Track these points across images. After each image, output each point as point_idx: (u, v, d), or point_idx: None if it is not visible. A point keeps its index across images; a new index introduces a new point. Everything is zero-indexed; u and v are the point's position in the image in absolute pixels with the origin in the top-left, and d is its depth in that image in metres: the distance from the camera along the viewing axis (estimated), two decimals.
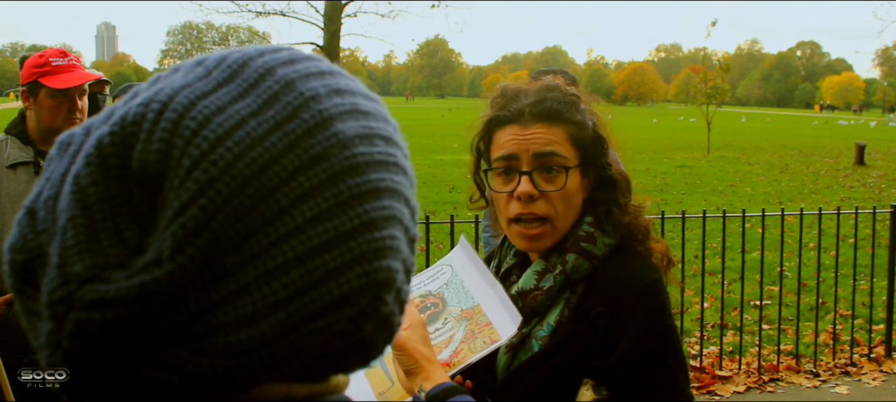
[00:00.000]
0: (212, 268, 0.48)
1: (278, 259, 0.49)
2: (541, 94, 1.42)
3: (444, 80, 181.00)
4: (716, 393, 4.69)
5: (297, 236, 0.50)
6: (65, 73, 2.57)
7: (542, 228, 1.38)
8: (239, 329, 0.48)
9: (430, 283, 1.49)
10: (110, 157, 0.49)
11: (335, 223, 0.51)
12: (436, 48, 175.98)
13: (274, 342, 0.49)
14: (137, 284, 0.46)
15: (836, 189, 15.52)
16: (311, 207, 0.50)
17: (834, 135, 38.26)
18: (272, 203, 0.49)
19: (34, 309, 0.51)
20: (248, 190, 0.48)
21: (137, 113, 0.50)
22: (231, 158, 0.48)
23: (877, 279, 6.21)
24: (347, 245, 0.51)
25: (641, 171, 17.58)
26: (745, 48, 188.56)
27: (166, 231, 0.47)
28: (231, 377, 0.48)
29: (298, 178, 0.50)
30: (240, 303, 0.48)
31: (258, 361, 0.49)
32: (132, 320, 0.47)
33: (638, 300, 1.32)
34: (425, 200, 12.76)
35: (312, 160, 0.51)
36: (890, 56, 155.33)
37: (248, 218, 0.48)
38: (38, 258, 0.50)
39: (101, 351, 0.47)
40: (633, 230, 1.41)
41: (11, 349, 2.48)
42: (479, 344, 1.35)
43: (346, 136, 0.53)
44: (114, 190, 0.49)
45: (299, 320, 0.50)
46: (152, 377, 0.48)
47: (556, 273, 1.37)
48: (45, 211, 0.51)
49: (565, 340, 1.33)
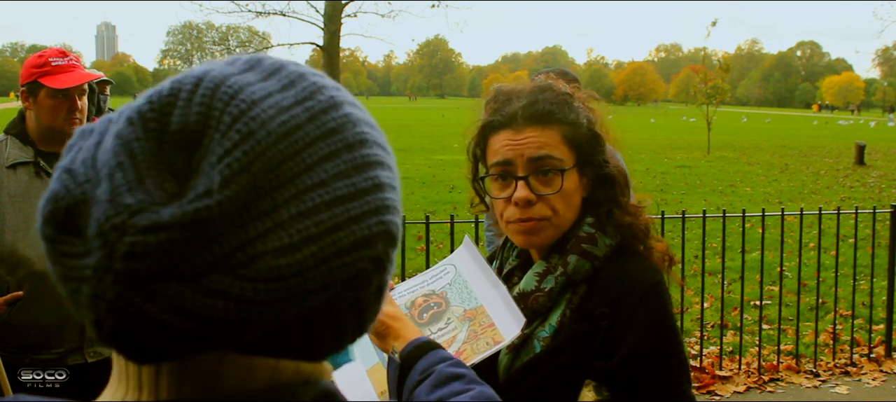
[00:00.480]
0: (251, 207, 0.54)
1: (308, 204, 0.56)
2: (533, 96, 1.41)
3: (444, 80, 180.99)
4: (716, 393, 4.69)
5: (323, 187, 0.57)
6: (64, 73, 2.57)
7: (538, 223, 1.38)
8: (278, 257, 0.54)
9: (434, 282, 1.49)
10: (150, 120, 0.55)
11: (354, 181, 0.59)
12: (436, 48, 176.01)
13: (308, 271, 0.55)
14: (191, 210, 0.52)
15: (836, 189, 15.52)
16: (331, 166, 0.58)
17: (834, 135, 38.26)
18: (299, 160, 0.56)
19: (73, 251, 0.55)
20: (279, 146, 0.55)
21: (172, 87, 0.56)
22: (266, 118, 0.55)
23: (877, 279, 6.21)
24: (365, 199, 0.59)
25: (641, 171, 17.58)
26: (745, 48, 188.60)
27: (213, 170, 0.53)
28: (270, 301, 0.54)
29: (318, 143, 0.58)
30: (277, 236, 0.54)
31: (295, 287, 0.54)
32: (183, 245, 0.51)
33: (640, 302, 1.32)
34: (425, 200, 12.76)
35: (330, 131, 0.59)
36: (890, 56, 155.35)
37: (280, 170, 0.55)
38: (81, 204, 0.54)
39: (151, 273, 0.51)
40: (635, 230, 1.41)
41: (11, 349, 2.48)
42: (481, 345, 1.34)
43: (356, 117, 0.62)
44: (153, 147, 0.54)
45: (330, 255, 0.56)
46: (197, 302, 0.52)
47: (557, 274, 1.37)
48: (85, 167, 0.56)
49: (567, 341, 1.33)
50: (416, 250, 7.61)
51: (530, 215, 1.37)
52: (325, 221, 0.56)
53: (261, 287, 0.53)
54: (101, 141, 0.57)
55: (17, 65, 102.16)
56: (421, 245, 6.88)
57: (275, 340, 0.58)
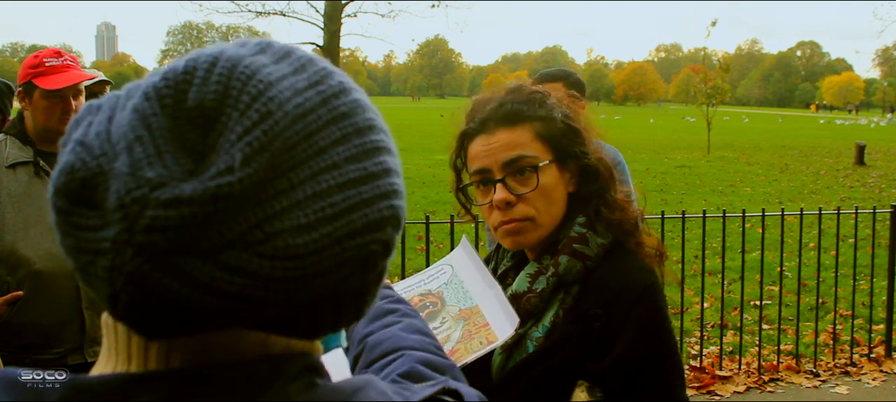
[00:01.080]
0: (269, 186, 0.54)
1: (322, 186, 0.57)
2: (502, 98, 1.43)
3: (444, 80, 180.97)
4: (716, 393, 4.69)
5: (336, 169, 0.58)
6: (58, 73, 2.56)
7: (520, 223, 1.38)
8: (295, 236, 0.54)
9: (430, 282, 1.49)
10: (166, 96, 0.56)
11: (364, 165, 0.60)
12: (436, 48, 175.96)
13: (323, 251, 0.56)
14: (213, 186, 0.52)
15: (836, 189, 15.52)
16: (343, 150, 0.59)
17: (834, 135, 38.26)
18: (313, 142, 0.57)
19: (88, 224, 0.55)
20: (295, 126, 0.56)
21: (188, 65, 0.57)
22: (283, 100, 0.56)
23: (877, 279, 6.21)
24: (375, 183, 0.60)
25: (641, 171, 17.58)
26: (745, 48, 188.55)
27: (234, 148, 0.53)
28: (286, 279, 0.55)
29: (331, 127, 0.59)
30: (294, 215, 0.55)
31: (310, 266, 0.56)
32: (203, 220, 0.52)
33: (634, 303, 1.31)
34: (425, 200, 12.76)
35: (342, 115, 0.60)
36: (890, 56, 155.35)
37: (295, 150, 0.56)
38: (98, 176, 0.55)
39: (171, 247, 0.52)
40: (624, 225, 1.41)
41: (12, 349, 2.48)
42: (475, 344, 1.35)
43: (364, 103, 0.64)
44: (169, 123, 0.55)
45: (343, 236, 0.57)
46: (215, 277, 0.53)
47: (548, 275, 1.37)
48: (99, 140, 0.56)
49: (560, 341, 1.32)
50: (416, 250, 7.61)
51: (512, 216, 1.38)
52: (340, 202, 0.57)
53: (278, 265, 0.54)
54: (113, 116, 0.58)
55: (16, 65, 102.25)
56: (421, 245, 6.88)
57: (283, 318, 0.59)
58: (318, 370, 0.63)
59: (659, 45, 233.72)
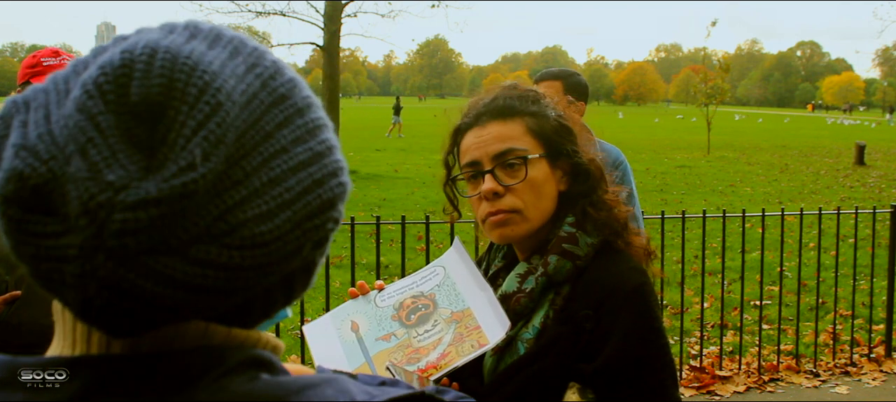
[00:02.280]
0: (225, 178, 0.55)
1: (276, 171, 0.58)
2: (496, 94, 1.45)
3: (444, 80, 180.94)
4: (716, 393, 4.69)
5: (285, 153, 0.59)
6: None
7: (507, 215, 1.38)
8: (258, 224, 0.56)
9: (423, 284, 1.49)
10: (108, 92, 0.54)
11: (310, 145, 0.61)
12: (436, 48, 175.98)
13: (286, 235, 0.57)
14: (179, 185, 0.52)
15: (836, 189, 15.52)
16: (288, 132, 0.60)
17: (834, 135, 38.26)
18: (259, 128, 0.58)
19: (47, 231, 0.54)
20: (243, 115, 0.57)
21: (124, 58, 0.55)
22: (229, 89, 0.56)
23: (877, 279, 6.21)
24: (323, 163, 0.62)
25: (642, 171, 17.58)
26: (745, 48, 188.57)
27: (190, 144, 0.53)
28: (256, 266, 0.56)
29: (273, 110, 0.60)
30: (255, 204, 0.56)
31: (276, 251, 0.57)
32: (171, 219, 0.52)
33: (624, 303, 1.31)
34: (425, 200, 12.76)
35: (281, 97, 0.61)
36: (890, 56, 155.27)
37: (245, 138, 0.57)
38: (50, 182, 0.53)
39: (142, 248, 0.52)
40: (612, 224, 1.41)
41: (11, 348, 2.48)
42: (466, 347, 1.35)
43: (299, 80, 0.64)
44: (115, 120, 0.54)
45: (302, 218, 0.59)
46: (187, 272, 0.54)
47: (537, 275, 1.37)
48: (44, 143, 0.55)
49: (551, 342, 1.32)
50: (416, 250, 7.61)
51: (499, 208, 1.38)
52: (294, 186, 0.59)
53: (247, 254, 0.55)
54: (49, 113, 0.56)
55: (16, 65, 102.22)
56: (421, 245, 6.88)
57: (238, 307, 0.60)
58: (265, 364, 0.63)
59: (659, 45, 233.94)
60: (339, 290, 6.30)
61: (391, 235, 9.26)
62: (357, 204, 12.60)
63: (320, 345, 1.45)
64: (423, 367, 1.34)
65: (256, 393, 0.59)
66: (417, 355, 1.37)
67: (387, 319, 1.45)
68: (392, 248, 8.46)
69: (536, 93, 1.46)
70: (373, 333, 1.43)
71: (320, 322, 1.50)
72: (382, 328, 1.44)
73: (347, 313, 1.48)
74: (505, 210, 1.38)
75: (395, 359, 1.36)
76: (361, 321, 1.46)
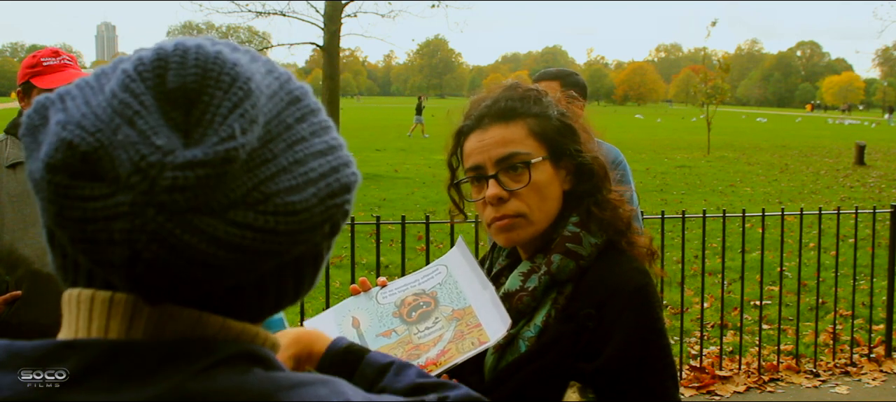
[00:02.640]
0: (259, 155, 0.61)
1: (299, 155, 0.64)
2: (497, 95, 1.44)
3: (444, 80, 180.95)
4: (716, 393, 4.69)
5: (305, 142, 0.65)
6: (55, 73, 2.57)
7: (513, 219, 1.39)
8: (289, 194, 0.61)
9: (425, 282, 1.50)
10: (148, 78, 0.60)
11: (325, 139, 0.68)
12: (436, 48, 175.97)
13: (313, 208, 0.63)
14: (222, 150, 0.58)
15: (836, 189, 15.52)
16: (306, 127, 0.66)
17: (834, 135, 38.27)
18: (282, 120, 0.64)
19: (95, 194, 0.57)
20: (269, 105, 0.63)
21: (158, 53, 0.61)
22: (258, 80, 0.63)
23: (877, 279, 6.21)
24: (337, 154, 0.68)
25: (641, 171, 17.58)
26: (745, 48, 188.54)
27: (228, 119, 0.59)
28: (288, 232, 0.61)
29: (291, 108, 0.66)
30: (285, 178, 0.62)
31: (305, 220, 0.62)
32: (215, 181, 0.57)
33: (626, 303, 1.31)
34: (425, 200, 12.77)
35: (297, 98, 0.67)
36: (890, 56, 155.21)
37: (271, 126, 0.63)
38: (98, 150, 0.57)
39: (188, 206, 0.57)
40: (616, 224, 1.41)
41: None
42: (467, 345, 1.35)
43: (307, 88, 0.70)
44: (154, 102, 0.59)
45: (326, 196, 0.64)
46: (229, 232, 0.58)
47: (541, 274, 1.38)
48: (89, 120, 0.59)
49: (552, 341, 1.32)
50: (416, 250, 7.61)
51: (504, 212, 1.38)
52: (317, 169, 0.65)
53: (281, 219, 0.60)
54: (88, 100, 0.61)
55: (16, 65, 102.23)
56: (421, 245, 6.88)
57: (254, 285, 0.64)
58: (260, 359, 0.65)
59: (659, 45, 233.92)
60: (340, 290, 6.30)
61: (391, 235, 9.26)
62: (357, 204, 12.56)
63: None
64: (423, 363, 1.34)
65: (246, 386, 0.61)
66: (418, 351, 1.37)
67: (388, 315, 1.45)
68: (392, 248, 8.46)
69: (538, 92, 1.45)
70: (373, 329, 1.44)
71: (322, 317, 1.51)
72: (383, 325, 1.44)
73: (349, 310, 1.49)
74: (510, 215, 1.38)
75: (395, 355, 1.36)
76: (362, 317, 1.46)
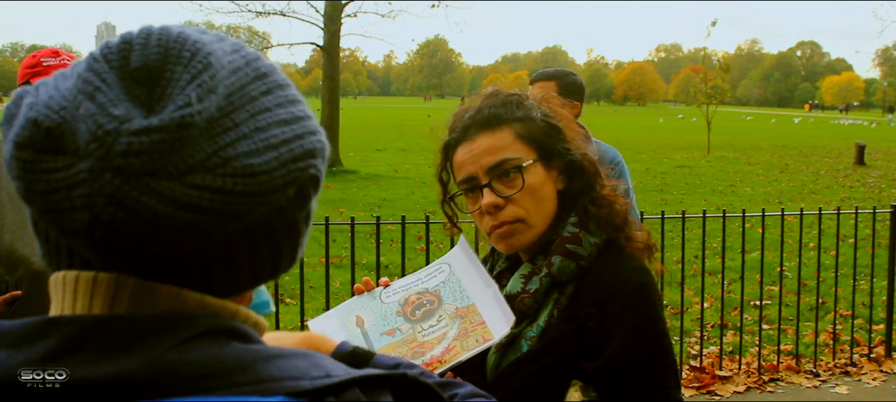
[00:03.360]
0: (216, 124, 0.63)
1: (261, 123, 0.66)
2: (480, 104, 1.45)
3: (444, 80, 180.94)
4: (716, 393, 4.69)
5: (269, 112, 0.67)
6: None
7: (512, 225, 1.39)
8: (248, 158, 0.63)
9: (428, 280, 1.50)
10: (112, 59, 0.63)
11: (291, 110, 0.69)
12: (436, 48, 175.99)
13: (273, 171, 0.64)
14: (177, 117, 0.60)
15: (836, 189, 15.53)
16: (272, 99, 0.68)
17: (834, 135, 38.27)
18: (246, 92, 0.66)
19: (58, 166, 0.60)
20: (231, 79, 0.65)
21: (124, 37, 0.65)
22: (219, 55, 0.65)
23: (877, 279, 6.21)
24: (303, 124, 0.69)
25: (641, 171, 17.58)
26: (745, 48, 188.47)
27: (187, 89, 0.61)
28: (246, 193, 0.63)
29: (257, 82, 0.68)
30: (245, 143, 0.63)
31: (265, 182, 0.64)
32: (170, 146, 0.59)
33: (627, 303, 1.31)
34: (425, 200, 12.77)
35: (263, 74, 0.69)
36: (890, 56, 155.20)
37: (234, 97, 0.65)
38: (61, 126, 0.60)
39: (145, 170, 0.59)
40: (613, 220, 1.41)
41: None
42: (471, 342, 1.36)
43: (277, 67, 0.73)
44: (118, 81, 0.62)
45: (288, 160, 0.66)
46: (186, 193, 0.60)
47: (541, 275, 1.38)
48: (55, 101, 0.62)
49: (554, 341, 1.33)
50: (416, 250, 7.61)
51: (502, 219, 1.39)
52: (279, 135, 0.66)
53: (239, 181, 0.62)
54: (58, 86, 0.64)
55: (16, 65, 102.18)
56: (421, 245, 6.88)
57: (219, 251, 0.65)
58: (239, 334, 0.67)
59: (659, 45, 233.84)
60: (340, 290, 6.30)
61: (391, 235, 9.26)
62: (357, 204, 12.60)
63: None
64: (427, 361, 1.35)
65: (223, 356, 0.63)
66: (422, 349, 1.38)
67: (392, 314, 1.46)
68: (392, 248, 8.46)
69: (519, 96, 1.46)
70: (378, 327, 1.44)
71: (325, 317, 1.52)
72: (387, 323, 1.45)
73: (353, 309, 1.49)
74: (508, 221, 1.39)
75: (399, 353, 1.37)
76: (367, 316, 1.47)
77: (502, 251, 1.47)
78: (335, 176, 16.72)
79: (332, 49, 18.83)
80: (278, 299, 4.48)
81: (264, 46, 21.46)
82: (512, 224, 1.39)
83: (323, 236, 4.33)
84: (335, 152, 18.48)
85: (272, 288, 5.26)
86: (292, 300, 6.47)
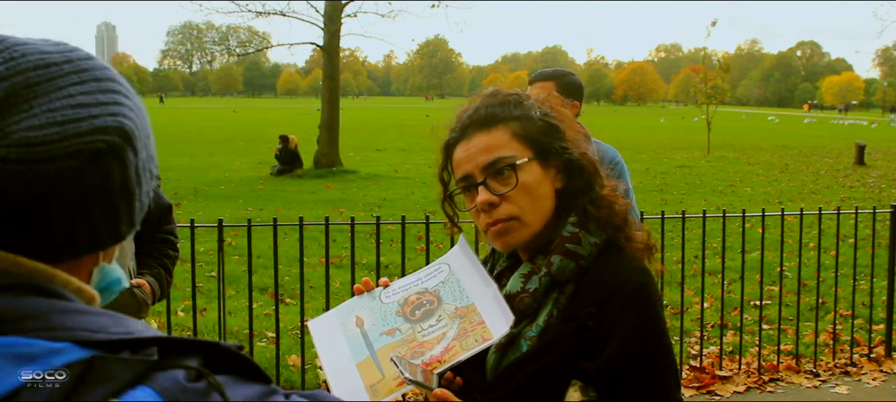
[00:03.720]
0: (12, 108, 0.68)
1: (56, 105, 0.70)
2: (478, 104, 1.46)
3: (444, 80, 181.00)
4: (716, 393, 4.69)
5: (69, 97, 0.71)
6: None
7: (506, 223, 1.40)
8: (28, 132, 0.68)
9: (428, 281, 1.51)
10: None
11: (96, 96, 0.73)
12: (436, 48, 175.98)
13: (53, 143, 0.68)
14: None
15: (836, 189, 15.53)
16: (79, 88, 0.72)
17: (834, 135, 38.27)
18: (53, 84, 0.71)
19: None
20: (37, 71, 0.71)
21: None
22: (26, 53, 0.71)
23: (877, 279, 6.21)
24: (104, 107, 0.73)
25: (641, 171, 17.59)
26: (745, 48, 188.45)
27: None
28: (20, 160, 0.66)
29: (71, 75, 0.73)
30: (30, 120, 0.68)
31: (40, 151, 0.67)
32: None
33: (627, 302, 1.32)
34: (425, 200, 12.77)
35: (82, 69, 0.74)
36: (890, 56, 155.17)
37: (37, 88, 0.70)
38: None
39: None
40: (613, 220, 1.41)
41: None
42: (470, 342, 1.36)
43: (113, 74, 0.78)
44: None
45: (71, 133, 0.69)
46: None
47: (541, 275, 1.38)
48: None
49: (554, 340, 1.33)
50: (416, 250, 7.62)
51: (496, 217, 1.40)
52: (70, 114, 0.70)
53: (12, 150, 0.66)
54: None
55: None
56: (421, 245, 6.88)
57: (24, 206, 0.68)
58: (48, 293, 0.69)
59: (659, 45, 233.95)
60: (339, 290, 6.31)
61: (391, 235, 9.26)
62: (357, 204, 12.61)
63: (324, 339, 1.46)
64: (426, 361, 1.35)
65: (19, 305, 0.66)
66: (422, 349, 1.38)
67: (391, 314, 1.46)
68: (392, 248, 8.46)
69: (518, 96, 1.47)
70: (377, 328, 1.45)
71: (325, 318, 1.52)
72: (387, 323, 1.45)
73: (352, 309, 1.50)
74: (502, 219, 1.40)
75: (399, 353, 1.37)
76: (366, 317, 1.47)
77: (498, 249, 1.48)
78: (335, 176, 16.73)
79: (332, 49, 18.83)
80: (278, 299, 4.48)
81: (264, 46, 21.46)
82: (506, 222, 1.39)
83: (323, 236, 4.33)
84: (335, 152, 18.49)
85: (272, 288, 5.27)
86: (292, 300, 6.48)
